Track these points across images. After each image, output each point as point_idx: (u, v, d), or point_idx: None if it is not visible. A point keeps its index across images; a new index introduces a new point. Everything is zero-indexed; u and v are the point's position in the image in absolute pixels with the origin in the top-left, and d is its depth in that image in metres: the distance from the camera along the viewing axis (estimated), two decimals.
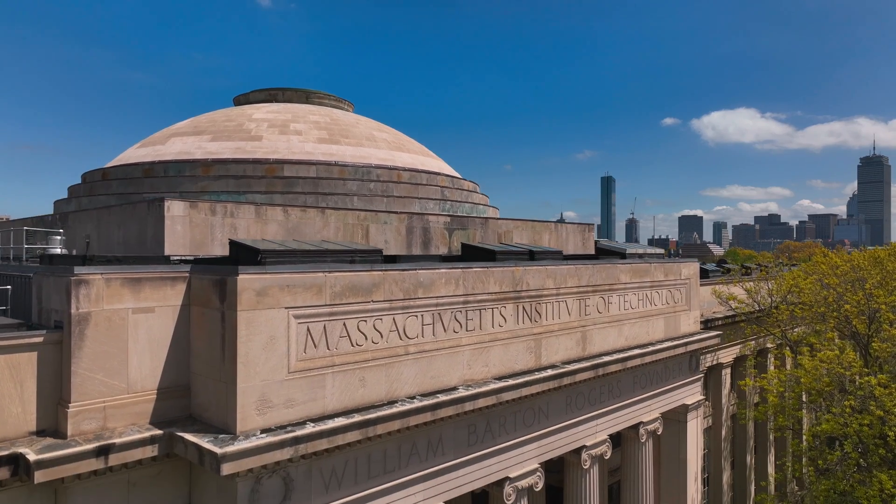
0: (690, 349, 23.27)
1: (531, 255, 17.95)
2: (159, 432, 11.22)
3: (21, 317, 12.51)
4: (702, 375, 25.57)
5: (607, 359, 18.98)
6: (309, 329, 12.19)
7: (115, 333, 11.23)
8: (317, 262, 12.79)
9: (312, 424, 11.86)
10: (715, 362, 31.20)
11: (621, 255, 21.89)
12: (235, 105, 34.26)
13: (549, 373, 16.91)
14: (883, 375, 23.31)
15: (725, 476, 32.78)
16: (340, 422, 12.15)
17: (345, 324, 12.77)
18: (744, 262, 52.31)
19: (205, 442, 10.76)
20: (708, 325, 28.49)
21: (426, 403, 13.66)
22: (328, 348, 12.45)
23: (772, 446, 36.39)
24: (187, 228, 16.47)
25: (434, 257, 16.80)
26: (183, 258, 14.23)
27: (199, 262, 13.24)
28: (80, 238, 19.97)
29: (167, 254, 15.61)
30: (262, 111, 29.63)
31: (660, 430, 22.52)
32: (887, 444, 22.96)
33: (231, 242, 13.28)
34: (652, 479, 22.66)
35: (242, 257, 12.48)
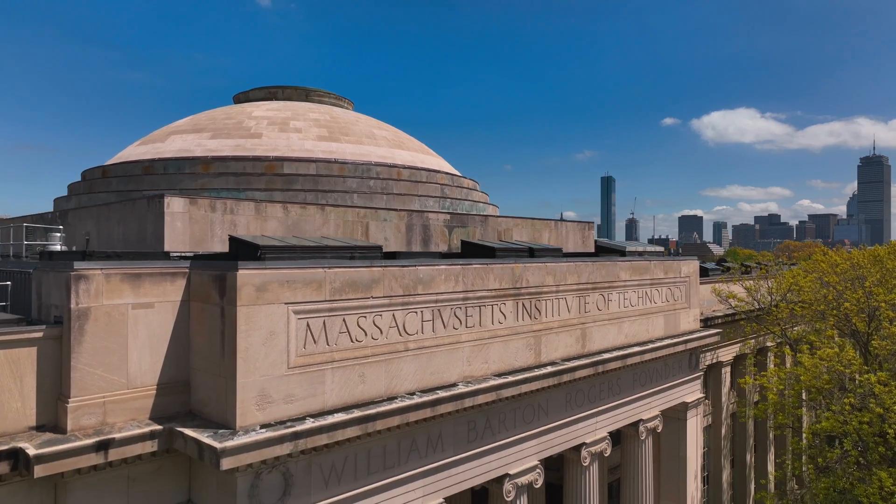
0: (690, 347, 23.25)
1: (531, 253, 17.94)
2: (159, 427, 11.22)
3: (21, 313, 12.53)
4: (701, 373, 25.56)
5: (607, 356, 18.96)
6: (308, 325, 12.18)
7: (114, 329, 11.23)
8: (316, 258, 12.79)
9: (312, 420, 11.87)
10: (715, 361, 31.20)
11: (621, 253, 21.87)
12: (235, 103, 34.25)
13: (549, 370, 16.90)
14: (883, 373, 23.30)
15: (725, 474, 32.76)
16: (340, 417, 12.15)
17: (344, 320, 12.76)
18: (744, 262, 52.24)
19: (204, 437, 10.76)
20: (708, 324, 28.47)
21: (426, 399, 13.65)
22: (328, 344, 12.45)
23: (771, 445, 36.38)
24: (187, 225, 16.47)
25: (434, 254, 16.80)
26: (182, 254, 14.23)
27: (199, 258, 13.25)
28: (79, 235, 19.97)
29: (167, 250, 15.60)
30: (262, 109, 29.61)
31: (659, 428, 22.51)
32: (887, 441, 22.96)
33: (231, 238, 13.28)
34: (652, 477, 22.65)
35: (242, 253, 12.49)
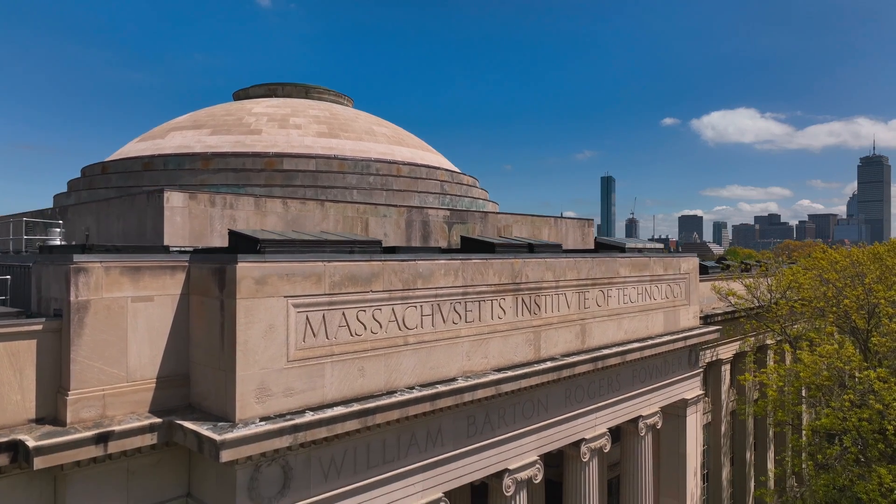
0: (690, 344, 23.26)
1: (530, 248, 17.93)
2: (158, 420, 11.21)
3: (20, 306, 12.50)
4: (701, 370, 25.55)
5: (606, 352, 18.96)
6: (308, 318, 12.18)
7: (114, 322, 11.22)
8: (316, 251, 12.78)
9: (311, 413, 11.86)
10: (714, 358, 31.20)
11: (621, 250, 21.85)
12: (235, 100, 34.23)
13: (549, 365, 16.89)
14: (882, 370, 23.30)
15: (725, 472, 32.77)
16: (339, 411, 12.14)
17: (344, 313, 12.76)
18: (743, 260, 52.26)
19: (204, 429, 10.76)
20: (707, 321, 28.47)
21: (425, 394, 13.65)
22: (327, 338, 12.45)
23: (771, 443, 36.39)
24: (186, 220, 16.46)
25: (433, 249, 16.78)
26: (182, 249, 14.21)
27: (199, 251, 13.23)
28: (79, 231, 19.95)
29: (166, 245, 15.59)
30: (262, 105, 29.61)
31: (659, 425, 22.51)
32: (886, 438, 22.98)
33: (230, 232, 13.28)
34: (651, 474, 22.65)
35: (241, 246, 12.47)
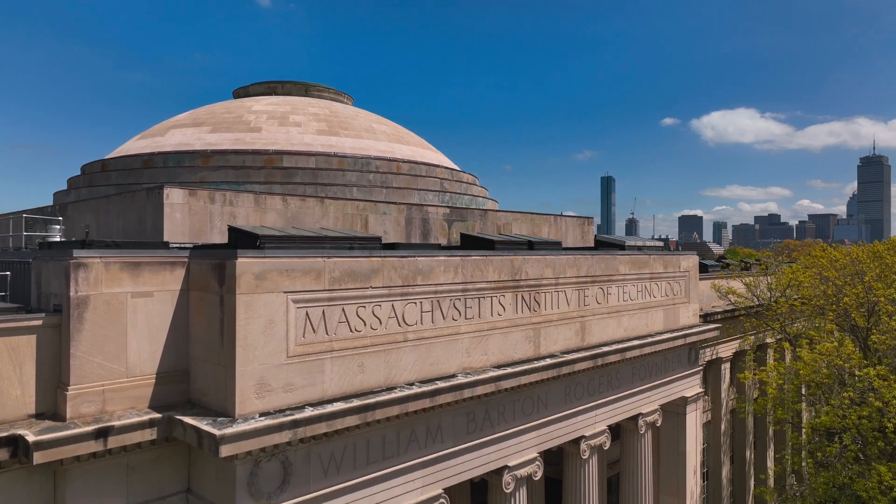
0: (689, 341, 23.26)
1: (530, 245, 17.93)
2: (158, 415, 11.22)
3: (20, 302, 12.50)
4: (701, 368, 25.56)
5: (606, 349, 18.96)
6: (308, 314, 12.18)
7: (113, 317, 11.22)
8: (316, 247, 12.79)
9: (311, 408, 11.86)
10: (714, 357, 31.21)
11: (620, 247, 21.84)
12: (235, 98, 34.22)
13: (548, 362, 16.89)
14: (882, 367, 23.30)
15: (725, 470, 32.77)
16: (339, 406, 12.14)
17: (343, 309, 12.76)
18: (743, 258, 52.26)
19: (203, 424, 10.76)
20: (707, 320, 28.45)
21: (425, 390, 13.65)
22: (327, 333, 12.45)
23: (771, 441, 36.39)
24: (186, 216, 16.46)
25: (433, 246, 16.79)
26: (182, 245, 14.23)
27: (198, 247, 13.24)
28: (79, 228, 19.96)
29: (166, 241, 15.60)
30: (262, 103, 29.61)
31: (659, 422, 22.51)
32: (886, 436, 22.98)
33: (230, 228, 13.28)
34: (651, 472, 22.65)
35: (241, 242, 12.47)
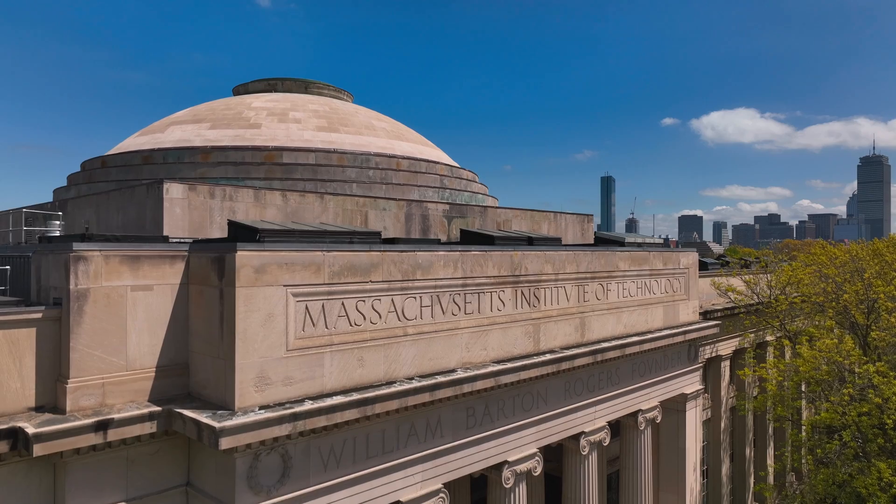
0: (689, 338, 23.25)
1: (529, 241, 17.93)
2: (158, 409, 11.22)
3: (20, 297, 12.50)
4: (701, 365, 25.56)
5: (606, 345, 18.95)
6: (307, 307, 12.18)
7: (113, 310, 11.23)
8: (315, 241, 12.80)
9: (311, 402, 11.86)
10: (714, 354, 31.20)
11: (620, 244, 21.86)
12: (235, 95, 34.20)
13: (548, 357, 16.89)
14: (881, 364, 23.30)
15: (724, 468, 32.76)
16: (339, 400, 12.14)
17: (343, 303, 12.76)
18: (742, 256, 52.26)
19: (203, 417, 10.77)
20: (707, 317, 28.44)
21: (424, 384, 13.65)
22: (326, 327, 12.45)
23: (771, 439, 36.38)
24: (186, 211, 16.46)
25: (433, 241, 16.79)
26: (181, 240, 14.22)
27: (198, 241, 13.24)
28: (79, 224, 19.95)
29: (165, 235, 15.59)
30: (262, 100, 29.61)
31: (658, 419, 22.51)
32: (886, 433, 22.98)
33: (229, 222, 13.30)
34: (651, 469, 22.65)
35: (241, 236, 12.50)
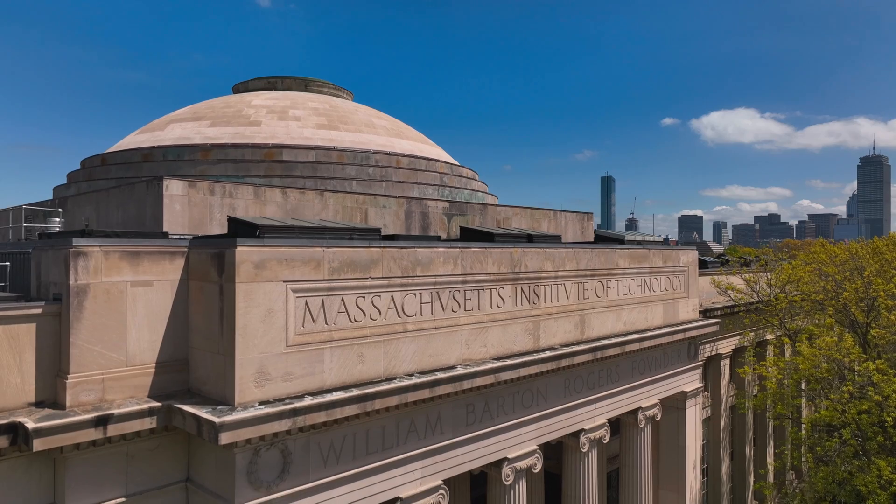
0: (689, 336, 23.25)
1: (529, 239, 17.95)
2: (158, 404, 11.22)
3: (20, 293, 12.50)
4: (701, 363, 25.56)
5: (606, 342, 18.95)
6: (307, 303, 12.18)
7: (113, 306, 11.22)
8: (315, 237, 12.80)
9: (310, 398, 11.87)
10: (714, 353, 31.21)
11: (620, 242, 21.87)
12: (234, 93, 34.20)
13: (548, 354, 16.89)
14: (881, 361, 23.30)
15: (724, 467, 32.76)
16: (338, 395, 12.14)
17: (343, 299, 12.76)
18: (742, 255, 52.27)
19: (203, 412, 10.77)
20: (707, 315, 28.45)
21: (424, 380, 13.65)
22: (326, 323, 12.45)
23: (771, 438, 36.39)
24: (186, 208, 16.46)
25: (433, 238, 16.79)
26: (181, 237, 14.21)
27: (198, 238, 13.24)
28: (79, 221, 19.95)
29: (165, 231, 15.59)
30: (261, 98, 29.63)
31: (658, 417, 22.51)
32: (885, 431, 22.99)
33: (229, 218, 13.30)
34: (650, 467, 22.66)
35: (241, 232, 12.49)
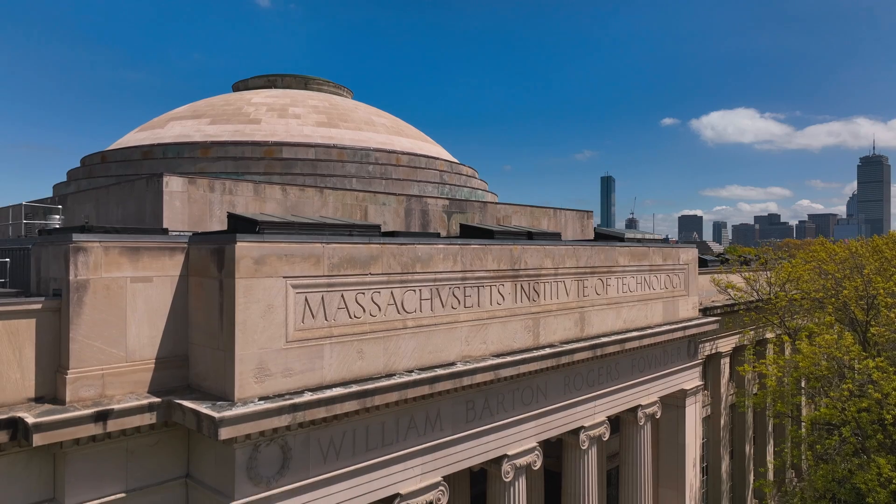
0: (689, 334, 23.25)
1: (529, 236, 17.94)
2: (157, 400, 11.23)
3: (20, 289, 12.50)
4: (700, 361, 25.57)
5: (605, 340, 18.95)
6: (307, 299, 12.18)
7: (113, 302, 11.23)
8: (315, 233, 12.80)
9: (310, 393, 11.88)
10: (714, 351, 31.22)
11: (619, 239, 21.87)
12: (234, 91, 34.20)
13: (547, 351, 16.90)
14: (881, 359, 23.30)
15: (724, 465, 32.78)
16: (338, 391, 12.14)
17: (343, 295, 12.76)
18: (742, 254, 52.28)
19: (203, 407, 10.77)
20: (707, 314, 28.44)
21: (424, 377, 13.66)
22: (326, 319, 12.45)
23: (770, 436, 36.40)
24: (185, 205, 16.46)
25: (432, 234, 16.80)
26: (181, 233, 14.21)
27: (198, 234, 13.25)
28: (78, 218, 19.95)
29: (165, 228, 15.58)
30: (261, 96, 29.63)
31: (658, 414, 22.51)
32: (885, 428, 22.99)
33: (229, 215, 13.30)
34: (651, 464, 22.66)
35: (241, 228, 12.50)
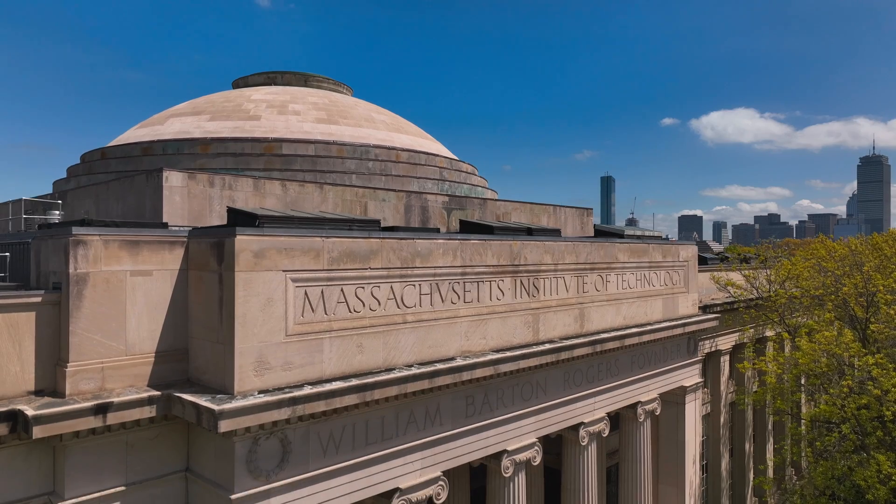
0: (689, 331, 23.27)
1: (529, 232, 17.94)
2: (157, 393, 11.24)
3: (19, 282, 12.52)
4: (700, 359, 25.58)
5: (605, 336, 18.97)
6: (307, 293, 12.19)
7: (113, 295, 11.23)
8: (314, 227, 12.81)
9: (310, 387, 11.88)
10: (713, 349, 31.23)
11: (619, 236, 21.87)
12: (234, 88, 34.21)
13: (547, 347, 16.90)
14: (880, 356, 23.31)
15: (724, 463, 32.78)
16: (338, 385, 12.15)
17: (342, 290, 12.77)
18: (741, 252, 52.29)
19: (202, 400, 10.78)
20: (706, 311, 28.44)
21: (423, 371, 13.67)
22: (326, 313, 12.46)
23: (770, 434, 36.40)
24: (185, 200, 16.47)
25: (432, 229, 16.79)
26: (181, 228, 14.21)
27: (198, 228, 13.25)
28: (78, 214, 19.96)
29: (165, 222, 15.58)
30: (261, 93, 29.65)
31: (658, 411, 22.52)
32: (885, 425, 23.00)
33: (229, 209, 13.31)
34: (650, 461, 22.67)
35: (240, 222, 12.49)
